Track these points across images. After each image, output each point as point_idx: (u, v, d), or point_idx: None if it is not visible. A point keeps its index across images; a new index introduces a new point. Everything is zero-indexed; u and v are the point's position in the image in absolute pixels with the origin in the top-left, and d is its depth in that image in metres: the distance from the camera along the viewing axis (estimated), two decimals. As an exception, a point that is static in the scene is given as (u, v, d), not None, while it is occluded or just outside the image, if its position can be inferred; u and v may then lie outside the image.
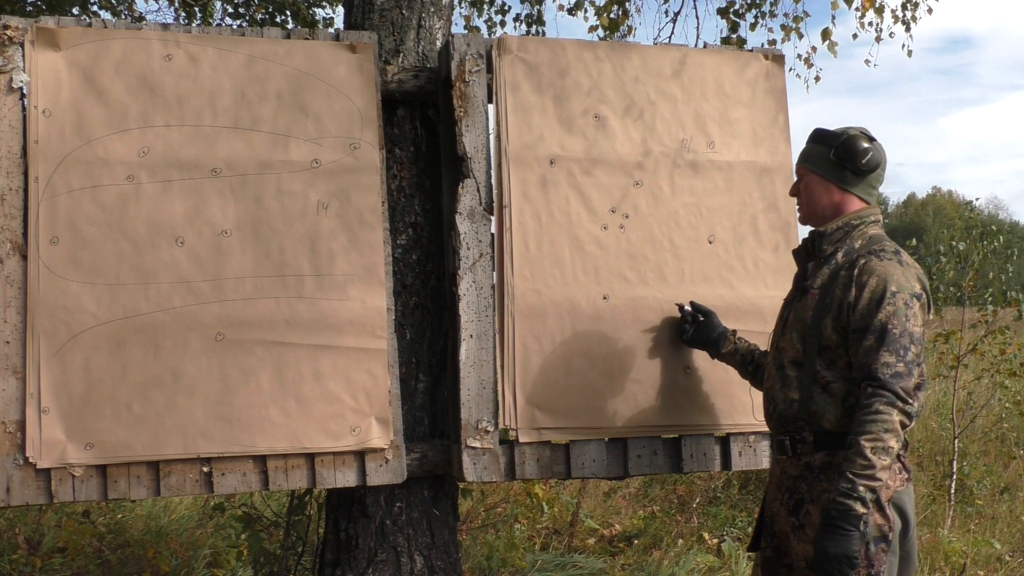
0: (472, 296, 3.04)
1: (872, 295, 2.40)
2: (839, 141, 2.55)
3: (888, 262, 2.45)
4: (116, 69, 2.87)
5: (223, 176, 2.92)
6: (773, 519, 2.63)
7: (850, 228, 2.56)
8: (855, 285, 2.43)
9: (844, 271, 2.48)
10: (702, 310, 3.07)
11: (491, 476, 3.01)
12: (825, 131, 2.62)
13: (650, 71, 3.26)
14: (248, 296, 2.89)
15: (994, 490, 6.84)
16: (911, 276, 2.45)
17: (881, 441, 2.29)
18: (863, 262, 2.46)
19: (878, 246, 2.50)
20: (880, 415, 2.31)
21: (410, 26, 3.30)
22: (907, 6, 7.36)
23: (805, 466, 2.51)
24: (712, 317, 3.05)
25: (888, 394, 2.32)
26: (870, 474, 2.29)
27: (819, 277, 2.54)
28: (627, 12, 7.32)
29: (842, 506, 2.29)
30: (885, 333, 2.36)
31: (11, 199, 2.77)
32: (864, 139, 2.55)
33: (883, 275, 2.42)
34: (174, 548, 4.83)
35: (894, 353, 2.35)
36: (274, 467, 2.87)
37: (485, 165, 3.09)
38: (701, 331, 3.05)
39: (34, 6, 7.05)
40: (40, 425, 2.71)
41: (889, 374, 2.33)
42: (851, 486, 2.29)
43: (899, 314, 2.38)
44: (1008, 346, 7.31)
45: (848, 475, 2.30)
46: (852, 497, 2.29)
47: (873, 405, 2.32)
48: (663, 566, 4.88)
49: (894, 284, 2.40)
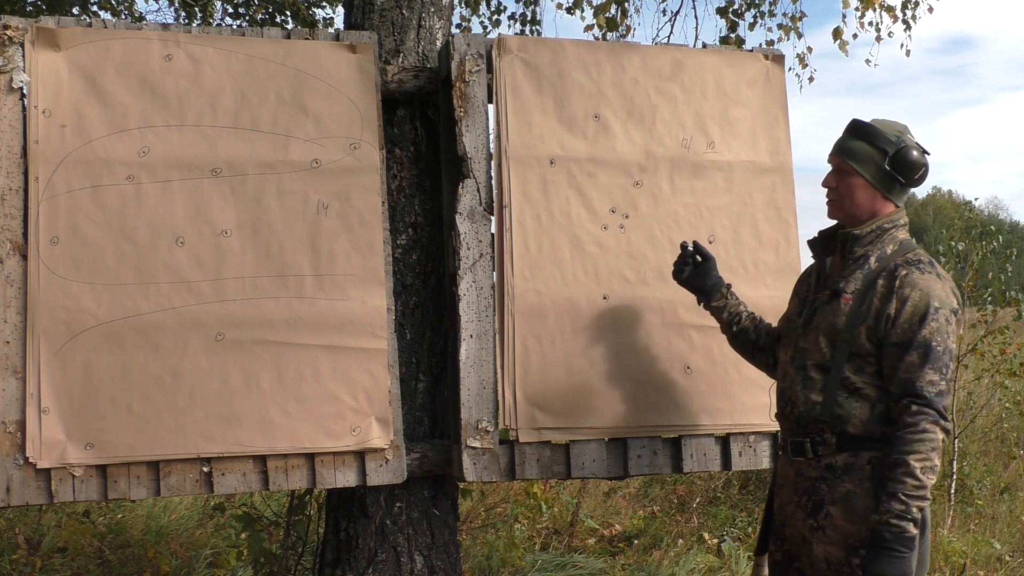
0: (472, 296, 3.04)
1: (915, 310, 2.37)
2: (895, 150, 2.48)
3: (929, 275, 2.41)
4: (116, 69, 2.87)
5: (223, 176, 2.92)
6: (785, 522, 2.59)
7: (882, 232, 2.51)
8: (896, 297, 2.39)
9: (882, 280, 2.43)
10: (703, 253, 2.96)
11: (491, 476, 3.01)
12: (876, 130, 2.51)
13: (650, 71, 3.27)
14: (248, 296, 2.89)
15: (994, 490, 6.84)
16: (949, 291, 2.43)
17: (929, 460, 2.29)
18: (904, 273, 2.41)
19: (913, 255, 2.46)
20: (927, 433, 2.30)
21: (410, 26, 3.31)
22: (907, 5, 7.36)
23: (826, 467, 2.47)
24: (711, 263, 2.94)
25: (933, 413, 2.32)
26: (921, 494, 2.28)
27: (852, 281, 2.48)
28: (625, 12, 7.32)
29: (896, 528, 2.26)
30: (929, 350, 2.34)
31: (11, 199, 2.77)
32: (917, 150, 2.49)
33: (925, 290, 2.38)
34: (174, 548, 4.83)
35: (937, 371, 2.34)
36: (274, 467, 2.88)
37: (485, 165, 3.09)
38: (697, 274, 2.94)
39: (34, 6, 7.05)
40: (40, 425, 2.71)
41: (934, 392, 2.33)
42: (905, 508, 2.26)
43: (941, 331, 2.36)
44: (1008, 346, 7.31)
45: (901, 496, 2.27)
46: (906, 519, 2.26)
47: (920, 424, 2.31)
48: (663, 566, 4.89)
49: (936, 300, 2.38)
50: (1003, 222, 35.46)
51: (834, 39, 7.05)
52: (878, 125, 2.53)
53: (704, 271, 2.95)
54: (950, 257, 7.11)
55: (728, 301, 2.93)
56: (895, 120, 2.56)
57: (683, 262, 2.97)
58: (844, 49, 7.04)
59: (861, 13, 7.18)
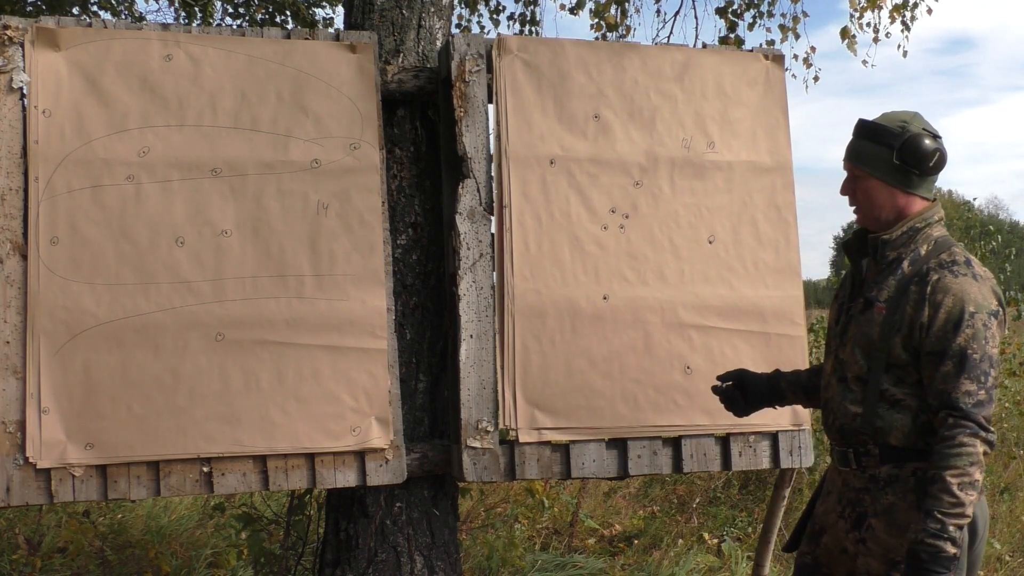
0: (472, 296, 3.04)
1: (949, 317, 2.24)
2: (901, 142, 2.34)
3: (963, 278, 2.27)
4: (116, 69, 2.87)
5: (223, 176, 2.92)
6: (824, 529, 2.52)
7: (914, 232, 2.37)
8: (928, 304, 2.26)
9: (914, 286, 2.30)
10: (729, 377, 2.74)
11: (491, 476, 3.01)
12: (879, 127, 2.38)
13: (650, 71, 3.27)
14: (248, 296, 2.89)
15: (994, 490, 6.84)
16: (987, 291, 2.29)
17: (967, 476, 2.17)
18: (935, 278, 2.28)
19: (948, 256, 2.32)
20: (965, 447, 2.18)
21: (410, 26, 3.31)
22: (906, 6, 7.36)
23: (870, 478, 2.39)
24: (744, 374, 2.74)
25: (972, 425, 2.20)
26: (959, 512, 2.16)
27: (885, 289, 2.35)
28: (626, 12, 7.33)
29: (933, 548, 2.15)
30: (965, 359, 2.22)
31: (11, 199, 2.77)
32: (927, 136, 2.35)
33: (959, 294, 2.25)
34: (174, 548, 4.83)
35: (975, 380, 2.22)
36: (274, 467, 2.88)
37: (485, 165, 3.09)
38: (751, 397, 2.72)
39: (34, 6, 7.05)
40: (40, 425, 2.71)
41: (971, 403, 2.20)
42: (940, 527, 2.15)
43: (978, 337, 2.23)
44: (1008, 346, 7.32)
45: (936, 515, 2.16)
46: (943, 538, 2.15)
47: (957, 438, 2.19)
48: (663, 566, 4.89)
49: (972, 304, 2.24)
50: (1003, 222, 35.46)
51: (842, 39, 7.05)
52: (882, 120, 2.41)
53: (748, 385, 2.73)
54: (950, 257, 7.10)
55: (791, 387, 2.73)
56: (904, 110, 2.43)
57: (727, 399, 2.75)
58: (853, 48, 7.02)
59: (860, 15, 7.19)
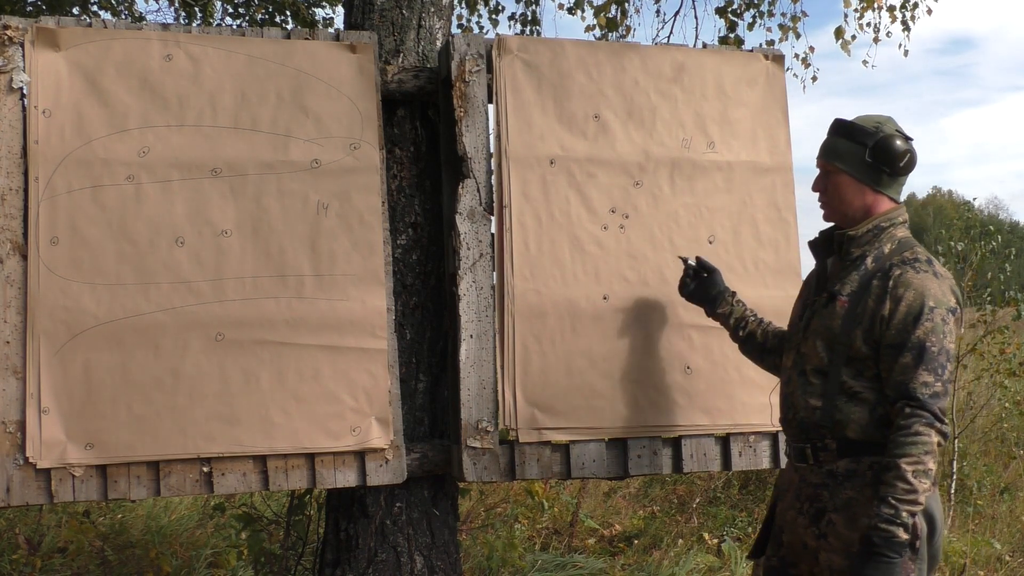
0: (472, 296, 3.04)
1: (909, 310, 2.33)
2: (874, 141, 2.44)
3: (924, 275, 2.37)
4: (116, 69, 2.87)
5: (223, 176, 2.92)
6: (784, 528, 2.56)
7: (879, 231, 2.47)
8: (890, 298, 2.35)
9: (877, 280, 2.39)
10: (707, 267, 2.97)
11: (491, 476, 3.01)
12: (854, 126, 2.49)
13: (650, 71, 3.27)
14: (248, 296, 2.89)
15: (994, 490, 6.84)
16: (946, 289, 2.38)
17: (922, 464, 2.25)
18: (898, 273, 2.37)
19: (910, 253, 2.42)
20: (920, 436, 2.26)
21: (410, 26, 3.31)
22: (906, 6, 7.36)
23: (827, 473, 2.45)
24: (716, 275, 2.96)
25: (927, 415, 2.28)
26: (912, 499, 2.24)
27: (848, 284, 2.45)
28: (625, 12, 7.33)
29: (886, 533, 2.23)
30: (924, 351, 2.30)
31: (11, 199, 2.77)
32: (900, 138, 2.45)
33: (920, 289, 2.34)
34: (174, 548, 4.83)
35: (932, 372, 2.30)
36: (274, 467, 2.88)
37: (485, 165, 3.09)
38: (701, 287, 2.96)
39: (34, 6, 7.05)
40: (40, 425, 2.71)
41: (928, 394, 2.29)
42: (894, 512, 2.23)
43: (937, 331, 2.31)
44: (1007, 346, 7.32)
45: (890, 500, 2.24)
46: (895, 523, 2.23)
47: (913, 426, 2.27)
48: (663, 566, 4.89)
49: (931, 299, 2.33)
50: (1003, 222, 35.42)
51: (836, 39, 7.05)
52: (858, 120, 2.50)
53: (710, 283, 2.96)
54: (949, 257, 7.11)
55: (733, 307, 2.92)
56: (878, 113, 2.53)
57: (685, 275, 2.98)
58: (847, 49, 7.04)
59: (860, 14, 7.19)
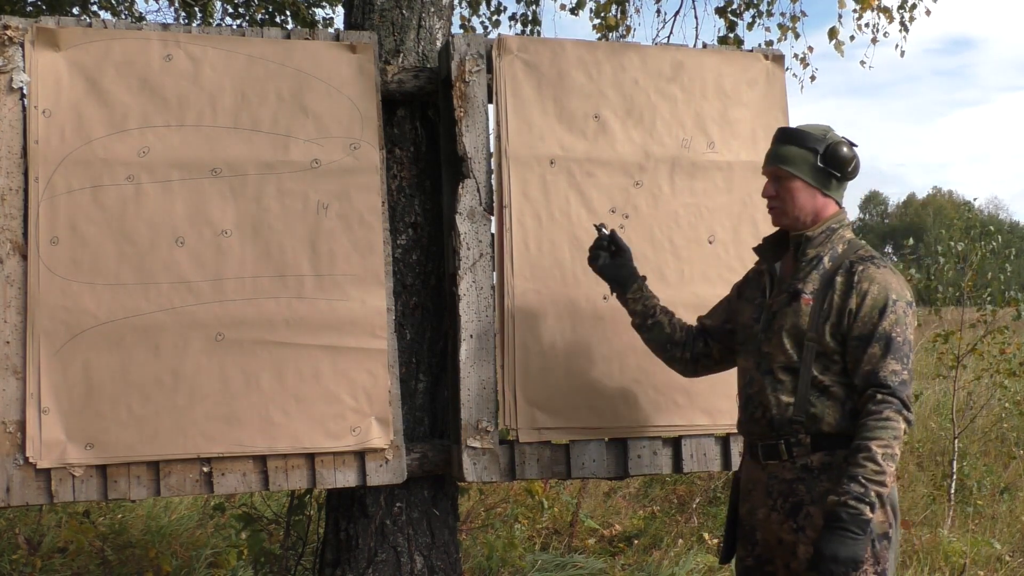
0: (472, 296, 3.04)
1: (875, 303, 2.44)
2: (824, 147, 2.55)
3: (885, 270, 2.49)
4: (116, 69, 2.87)
5: (223, 176, 2.92)
6: (755, 527, 2.59)
7: (831, 232, 2.58)
8: (856, 292, 2.45)
9: (840, 276, 2.49)
10: (619, 244, 2.93)
11: (491, 476, 3.01)
12: (803, 133, 2.60)
13: (650, 71, 3.27)
14: (248, 296, 2.89)
15: (994, 490, 6.84)
16: (904, 284, 2.51)
17: (890, 448, 2.34)
18: (860, 268, 2.48)
19: (864, 252, 2.55)
20: (890, 422, 2.35)
21: (410, 26, 3.31)
22: (904, 7, 7.37)
23: (802, 468, 2.49)
24: (626, 255, 2.92)
25: (897, 402, 2.37)
26: (881, 480, 2.32)
27: (809, 282, 2.53)
28: (626, 12, 7.34)
29: (854, 510, 2.30)
30: (891, 341, 2.41)
31: (11, 199, 2.77)
32: (846, 145, 2.57)
33: (883, 283, 2.46)
34: (174, 548, 4.83)
35: (899, 361, 2.40)
36: (274, 467, 2.88)
37: (485, 165, 3.09)
38: (615, 264, 2.91)
39: (34, 6, 7.05)
40: (40, 425, 2.71)
41: (897, 382, 2.38)
42: (864, 491, 2.31)
43: (900, 322, 2.43)
44: (1007, 346, 7.32)
45: (861, 479, 2.31)
46: (864, 502, 2.30)
47: (884, 412, 2.36)
48: (663, 566, 4.89)
49: (894, 293, 2.45)
50: (1003, 222, 35.44)
51: (829, 39, 7.07)
52: (804, 128, 2.62)
53: (621, 262, 2.92)
54: (950, 257, 7.11)
55: (644, 294, 2.91)
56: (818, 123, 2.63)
57: (599, 247, 2.93)
58: (840, 49, 7.06)
59: (859, 15, 7.20)
